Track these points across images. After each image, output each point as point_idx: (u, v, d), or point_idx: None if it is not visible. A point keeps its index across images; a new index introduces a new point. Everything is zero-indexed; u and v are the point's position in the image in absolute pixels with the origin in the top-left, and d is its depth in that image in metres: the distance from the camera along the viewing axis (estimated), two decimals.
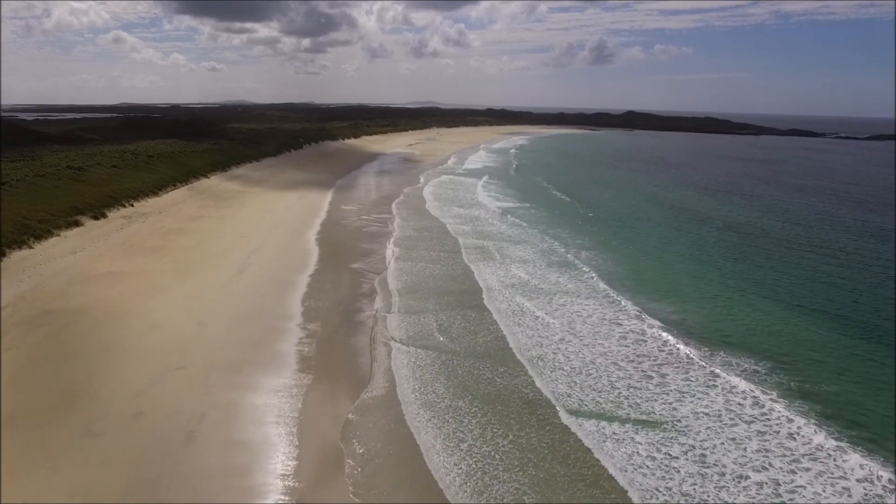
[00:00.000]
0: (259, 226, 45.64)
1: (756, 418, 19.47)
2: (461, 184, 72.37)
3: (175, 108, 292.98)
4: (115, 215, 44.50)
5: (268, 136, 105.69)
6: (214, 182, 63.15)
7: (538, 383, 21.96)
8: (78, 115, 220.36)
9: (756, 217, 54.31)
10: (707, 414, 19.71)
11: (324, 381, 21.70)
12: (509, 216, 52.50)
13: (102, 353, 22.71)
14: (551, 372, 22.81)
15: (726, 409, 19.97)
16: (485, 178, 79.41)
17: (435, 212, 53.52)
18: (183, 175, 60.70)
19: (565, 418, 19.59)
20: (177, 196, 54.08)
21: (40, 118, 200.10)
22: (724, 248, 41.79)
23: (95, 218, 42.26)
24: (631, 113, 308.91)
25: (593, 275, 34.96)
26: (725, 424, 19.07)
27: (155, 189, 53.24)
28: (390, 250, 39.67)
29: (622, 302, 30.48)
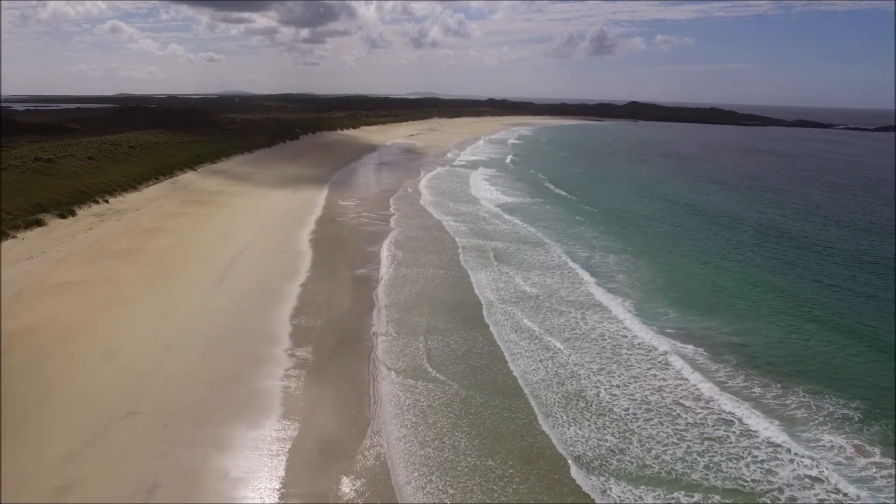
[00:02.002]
0: (247, 224, 41.04)
1: (882, 487, 14.96)
2: (465, 178, 67.64)
3: (172, 99, 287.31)
4: (86, 213, 39.84)
5: (262, 127, 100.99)
6: (201, 175, 58.45)
7: (579, 432, 17.45)
8: (72, 106, 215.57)
9: (793, 218, 49.01)
10: (818, 479, 15.21)
11: (313, 431, 17.19)
12: (521, 217, 47.94)
13: (37, 394, 18.15)
14: (597, 417, 18.27)
15: (839, 475, 15.43)
16: (491, 171, 74.73)
17: (438, 210, 48.91)
18: (167, 168, 55.98)
19: (622, 488, 15.07)
20: (158, 191, 49.40)
21: (32, 108, 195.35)
22: (768, 258, 36.30)
23: (62, 216, 37.61)
24: (634, 104, 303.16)
25: (626, 286, 30.37)
26: (852, 500, 14.53)
27: (134, 183, 48.56)
28: (391, 254, 35.09)
29: (667, 320, 25.92)
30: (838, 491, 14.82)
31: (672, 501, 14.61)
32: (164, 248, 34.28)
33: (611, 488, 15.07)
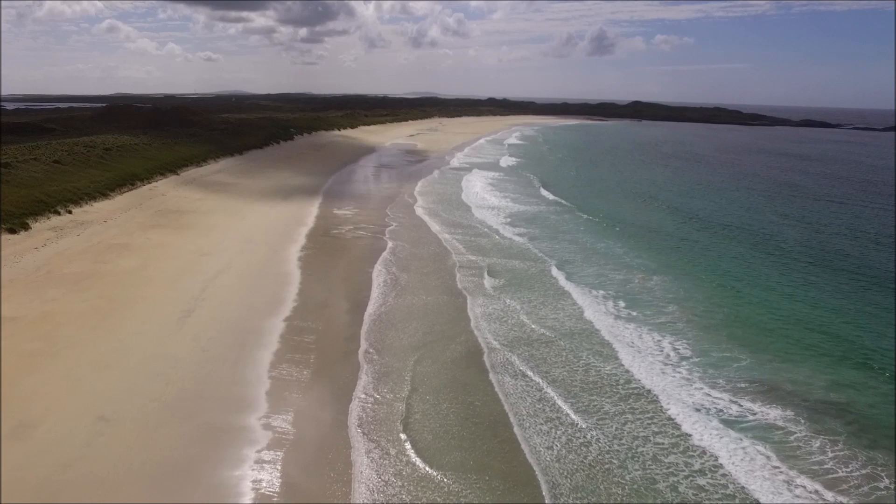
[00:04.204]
0: (228, 239, 35.86)
1: None
2: (470, 184, 62.33)
3: (169, 99, 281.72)
4: (42, 226, 34.65)
5: (256, 127, 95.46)
6: (183, 180, 53.17)
7: None
8: (64, 105, 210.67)
9: (847, 235, 41.89)
10: None
11: None
12: (538, 231, 42.83)
13: None
14: None
15: None
16: (498, 175, 69.70)
17: (439, 223, 43.74)
18: (146, 172, 50.78)
19: None
20: (132, 199, 44.15)
21: (23, 108, 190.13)
22: (834, 286, 30.29)
23: (12, 231, 32.44)
24: (637, 103, 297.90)
25: (679, 320, 25.18)
26: None
27: (105, 190, 43.33)
28: (387, 280, 29.86)
29: (741, 370, 20.77)
30: None
31: None
32: (127, 270, 29.09)
33: None
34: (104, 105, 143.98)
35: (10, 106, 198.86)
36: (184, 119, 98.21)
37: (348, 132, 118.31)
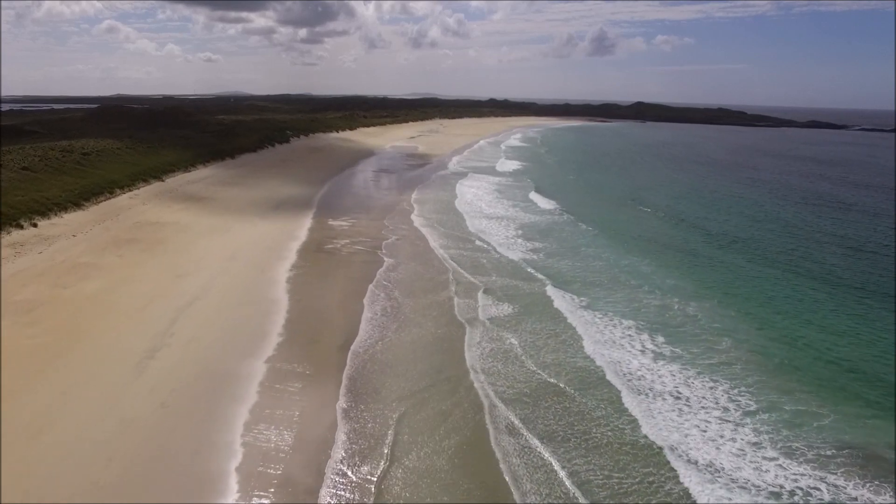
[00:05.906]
0: (210, 255, 32.07)
1: None
2: (475, 192, 58.42)
3: (168, 99, 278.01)
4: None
5: (251, 129, 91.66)
6: (167, 187, 49.32)
7: None
8: (60, 106, 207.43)
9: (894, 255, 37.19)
10: None
11: None
12: (552, 245, 39.08)
13: None
14: None
15: None
16: (506, 181, 65.81)
17: (442, 237, 39.97)
18: (127, 179, 47.04)
19: None
20: (107, 209, 40.32)
21: (17, 109, 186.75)
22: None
23: None
24: (640, 104, 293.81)
25: (735, 360, 21.39)
26: None
27: (79, 199, 39.58)
28: (390, 305, 26.19)
29: (822, 432, 16.96)
30: None
31: None
32: (89, 295, 25.31)
33: None
34: (96, 106, 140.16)
35: (5, 107, 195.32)
36: (178, 120, 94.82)
37: (347, 134, 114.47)
